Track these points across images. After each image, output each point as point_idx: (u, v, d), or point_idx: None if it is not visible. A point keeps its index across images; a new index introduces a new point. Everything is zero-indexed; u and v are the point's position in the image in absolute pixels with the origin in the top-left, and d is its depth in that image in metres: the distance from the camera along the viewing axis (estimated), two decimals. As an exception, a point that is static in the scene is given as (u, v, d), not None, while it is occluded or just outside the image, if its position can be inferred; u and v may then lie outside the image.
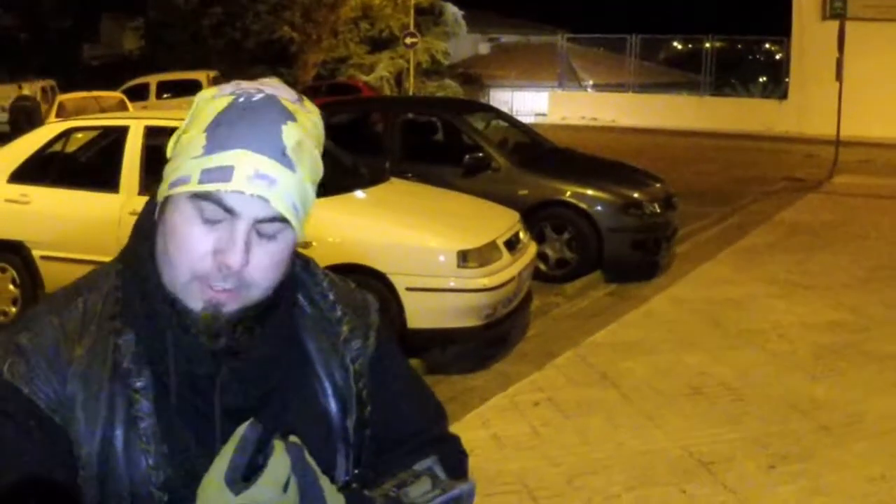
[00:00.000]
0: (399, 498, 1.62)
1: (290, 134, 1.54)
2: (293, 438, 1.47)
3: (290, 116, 1.56)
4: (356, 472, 1.76)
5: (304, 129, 1.58)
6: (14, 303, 9.31)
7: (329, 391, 1.74)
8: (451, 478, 1.71)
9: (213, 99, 1.59)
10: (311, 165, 1.58)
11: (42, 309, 1.65)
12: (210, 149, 1.52)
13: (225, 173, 1.50)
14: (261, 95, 1.57)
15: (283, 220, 1.54)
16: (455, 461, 1.85)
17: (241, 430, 1.44)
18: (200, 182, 1.51)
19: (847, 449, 6.46)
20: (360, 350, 1.79)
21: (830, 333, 9.03)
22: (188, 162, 1.53)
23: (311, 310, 1.77)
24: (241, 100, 1.56)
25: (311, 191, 1.59)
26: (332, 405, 1.74)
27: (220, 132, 1.53)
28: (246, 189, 1.49)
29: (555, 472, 6.16)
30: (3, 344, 1.59)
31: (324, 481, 1.49)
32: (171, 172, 1.57)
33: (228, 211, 1.51)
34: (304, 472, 1.46)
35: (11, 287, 9.36)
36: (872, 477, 6.07)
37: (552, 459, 6.33)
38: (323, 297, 1.80)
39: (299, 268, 1.77)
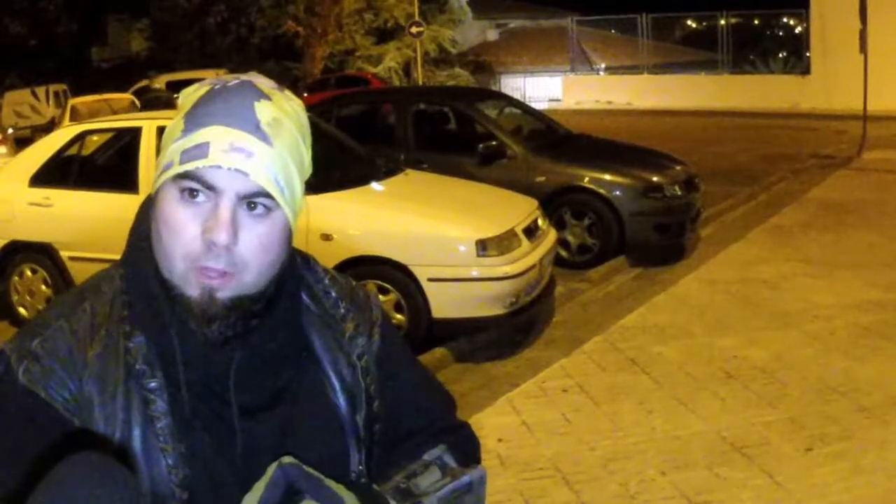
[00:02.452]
0: (409, 489, 1.62)
1: (263, 110, 1.57)
2: (287, 459, 1.50)
3: (264, 96, 1.60)
4: (368, 465, 1.77)
5: (282, 109, 1.61)
6: (48, 302, 9.40)
7: (337, 387, 1.75)
8: (462, 465, 1.70)
9: (195, 91, 1.64)
10: (290, 144, 1.60)
11: (50, 314, 1.65)
12: (187, 131, 1.56)
13: (201, 150, 1.53)
14: (236, 81, 1.62)
15: (268, 195, 1.56)
16: (466, 449, 1.86)
17: (272, 470, 1.48)
18: (181, 163, 1.54)
19: (888, 428, 6.36)
20: (365, 346, 1.81)
21: (869, 313, 8.85)
22: (170, 148, 1.58)
23: (314, 307, 1.79)
24: (218, 86, 1.61)
25: (294, 171, 1.62)
26: (342, 401, 1.75)
27: (196, 113, 1.57)
28: (223, 163, 1.53)
29: (589, 456, 6.14)
30: (15, 349, 1.59)
31: (330, 483, 1.51)
32: (158, 164, 1.61)
33: (210, 188, 1.54)
34: (309, 483, 1.49)
35: (44, 287, 9.61)
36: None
37: (586, 444, 6.31)
38: (326, 295, 1.81)
39: (300, 265, 1.80)
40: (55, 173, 9.61)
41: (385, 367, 1.84)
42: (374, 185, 9.06)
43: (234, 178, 1.53)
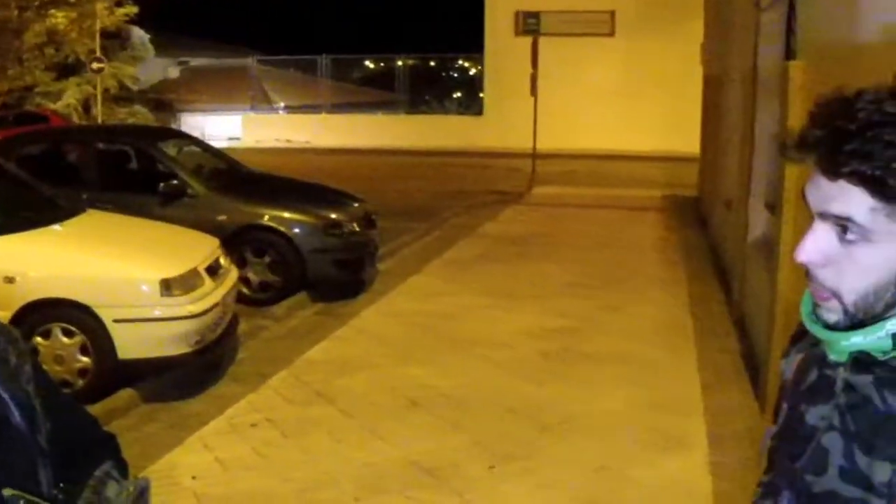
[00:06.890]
0: (100, 502, 1.75)
1: None
2: (9, 492, 1.59)
3: None
4: (61, 485, 1.81)
5: None
6: None
7: (17, 414, 1.78)
8: (121, 474, 1.86)
9: None
10: None
11: None
12: None
13: None
14: None
15: None
16: (121, 459, 2.06)
17: None
18: None
19: (568, 445, 6.79)
20: (29, 374, 1.86)
21: (546, 339, 9.38)
22: None
23: None
24: None
25: None
26: (24, 426, 1.78)
27: None
28: None
29: (284, 488, 6.19)
30: None
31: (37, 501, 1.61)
32: None
33: None
34: None
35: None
36: (594, 468, 6.41)
37: (280, 477, 6.36)
38: None
39: None
40: None
41: (41, 391, 1.89)
42: (57, 227, 8.77)
43: None
